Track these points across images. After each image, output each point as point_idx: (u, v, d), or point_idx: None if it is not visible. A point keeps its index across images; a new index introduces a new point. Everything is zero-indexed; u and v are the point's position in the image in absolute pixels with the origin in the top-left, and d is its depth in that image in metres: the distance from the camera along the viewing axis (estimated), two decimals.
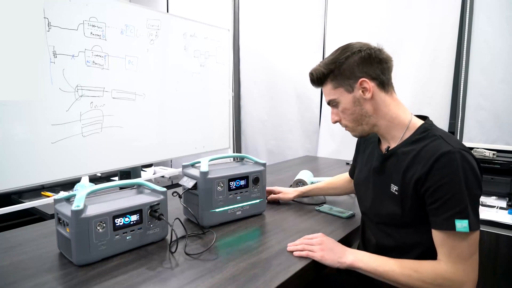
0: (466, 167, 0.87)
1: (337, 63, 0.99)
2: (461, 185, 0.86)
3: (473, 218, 0.86)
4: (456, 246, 0.88)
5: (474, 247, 0.88)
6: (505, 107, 2.23)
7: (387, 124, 1.01)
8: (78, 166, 1.95)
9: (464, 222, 0.85)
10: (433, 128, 0.98)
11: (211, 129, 2.84)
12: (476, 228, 0.86)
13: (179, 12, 3.33)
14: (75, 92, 1.90)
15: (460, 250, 0.88)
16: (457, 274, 0.87)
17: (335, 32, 2.82)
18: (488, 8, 2.24)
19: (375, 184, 1.08)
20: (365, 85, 0.98)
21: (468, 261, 0.88)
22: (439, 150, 0.89)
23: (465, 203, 0.86)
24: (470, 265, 0.88)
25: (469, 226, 0.85)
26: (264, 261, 0.96)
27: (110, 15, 2.02)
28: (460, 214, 0.86)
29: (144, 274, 0.89)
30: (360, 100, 1.00)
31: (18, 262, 0.95)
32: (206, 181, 1.16)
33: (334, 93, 1.03)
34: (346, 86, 1.00)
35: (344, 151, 2.79)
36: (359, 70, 0.98)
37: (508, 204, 1.79)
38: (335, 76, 1.01)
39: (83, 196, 0.94)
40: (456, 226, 0.86)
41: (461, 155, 0.87)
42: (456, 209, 0.86)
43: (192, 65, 2.61)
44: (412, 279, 0.90)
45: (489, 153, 1.96)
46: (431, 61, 2.44)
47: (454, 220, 0.86)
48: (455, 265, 0.88)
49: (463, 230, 0.85)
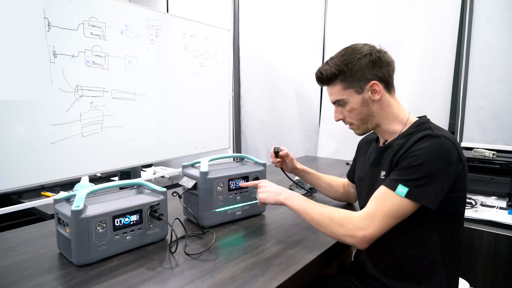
0: (441, 149, 0.92)
1: (349, 65, 1.02)
2: (426, 160, 0.91)
3: (417, 190, 0.91)
4: (382, 203, 0.94)
5: (396, 213, 0.93)
6: (505, 107, 2.23)
7: (388, 122, 1.07)
8: (78, 166, 1.95)
9: (404, 188, 0.92)
10: (427, 122, 1.03)
11: (211, 129, 2.84)
12: (412, 198, 0.91)
13: (179, 12, 3.33)
14: (75, 92, 1.90)
15: (382, 206, 0.93)
16: (362, 221, 0.94)
17: (335, 32, 2.82)
18: (488, 8, 2.24)
19: (370, 176, 1.12)
20: (375, 87, 1.03)
21: (380, 217, 0.93)
22: (424, 134, 0.96)
23: (419, 176, 0.91)
24: (379, 221, 0.93)
25: (407, 193, 0.91)
26: (264, 261, 0.96)
27: (110, 15, 2.02)
28: (407, 182, 0.92)
29: (144, 274, 0.89)
30: (368, 101, 1.05)
31: (18, 262, 0.95)
32: (206, 181, 1.16)
33: (343, 93, 1.06)
34: (356, 87, 1.04)
35: (344, 151, 2.79)
36: (370, 73, 1.02)
37: (508, 204, 1.79)
38: (346, 78, 1.04)
39: (83, 196, 0.94)
40: (397, 189, 0.93)
41: (441, 140, 0.93)
42: (407, 177, 0.93)
43: (192, 65, 2.61)
44: (323, 216, 1.00)
45: (489, 153, 1.96)
46: (431, 61, 2.44)
47: (398, 184, 0.93)
48: (367, 215, 0.94)
49: (399, 193, 0.92)
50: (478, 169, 1.93)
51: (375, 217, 0.93)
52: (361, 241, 0.93)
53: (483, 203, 1.82)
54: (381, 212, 0.93)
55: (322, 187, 1.44)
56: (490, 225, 1.66)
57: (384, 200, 0.94)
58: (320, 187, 1.45)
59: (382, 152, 1.08)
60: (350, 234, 0.94)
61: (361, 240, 0.93)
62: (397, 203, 0.92)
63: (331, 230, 0.98)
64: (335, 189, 1.43)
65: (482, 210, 1.76)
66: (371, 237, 0.93)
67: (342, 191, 1.42)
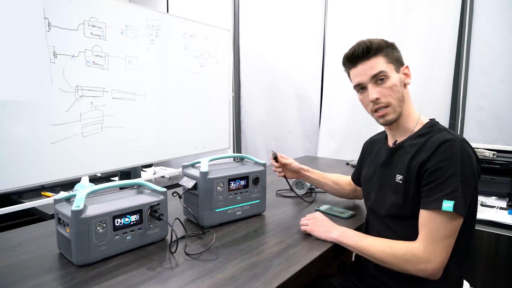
0: (464, 155, 0.92)
1: (391, 45, 1.07)
2: (456, 170, 0.91)
3: (460, 201, 0.90)
4: (435, 226, 0.92)
5: (452, 230, 0.92)
6: (505, 107, 2.23)
7: (406, 116, 1.07)
8: (78, 166, 1.95)
9: (450, 203, 0.90)
10: (438, 124, 1.04)
11: (211, 129, 2.84)
12: (460, 211, 0.90)
13: (179, 12, 3.33)
14: (75, 92, 1.90)
15: (437, 229, 0.92)
16: (426, 252, 0.92)
17: (335, 32, 2.82)
18: (488, 8, 2.24)
19: (380, 177, 1.12)
20: (407, 71, 1.07)
21: (441, 242, 0.92)
22: (443, 138, 0.95)
23: (456, 186, 0.91)
24: (442, 246, 0.91)
25: (453, 206, 0.90)
26: (264, 261, 0.96)
27: (110, 15, 2.02)
28: (449, 195, 0.91)
29: (144, 274, 0.89)
30: (403, 83, 1.06)
31: (18, 262, 0.95)
32: (206, 181, 1.16)
33: (387, 66, 1.04)
34: (396, 65, 1.06)
35: (344, 151, 2.79)
36: (402, 58, 1.08)
37: (508, 204, 1.79)
38: (388, 53, 1.06)
39: (83, 196, 0.94)
40: (443, 205, 0.90)
41: (462, 144, 0.94)
42: (447, 191, 0.91)
43: (192, 65, 2.61)
44: (385, 253, 0.97)
45: (489, 153, 1.96)
46: (431, 61, 2.44)
47: (442, 200, 0.91)
48: (427, 244, 0.92)
49: (447, 209, 0.90)
50: None
51: (435, 243, 0.91)
52: (433, 273, 0.92)
53: (483, 203, 1.82)
54: (439, 235, 0.91)
55: (329, 186, 1.44)
56: (490, 225, 1.66)
57: (436, 222, 0.92)
58: (326, 186, 1.44)
59: (393, 152, 1.08)
60: (420, 269, 0.92)
61: (433, 273, 0.92)
62: (449, 220, 0.91)
63: (398, 267, 0.96)
64: (342, 187, 1.43)
65: (482, 210, 1.76)
66: (440, 266, 0.92)
67: (349, 188, 1.42)
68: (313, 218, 1.16)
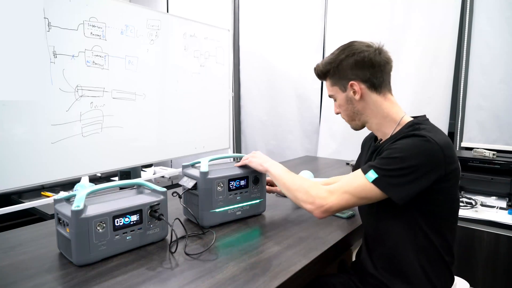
0: (417, 147, 0.93)
1: (333, 64, 1.08)
2: (401, 155, 0.93)
3: (386, 180, 0.94)
4: (349, 182, 1.00)
5: (358, 193, 0.98)
6: (505, 107, 2.23)
7: (378, 122, 1.09)
8: (78, 166, 1.95)
9: (374, 175, 0.95)
10: (422, 124, 1.01)
11: (211, 129, 2.84)
12: (378, 186, 0.94)
13: (179, 12, 3.33)
14: (75, 92, 1.90)
15: (348, 184, 0.99)
16: (324, 193, 1.01)
17: (335, 32, 2.82)
18: (488, 8, 2.24)
19: None
20: (354, 87, 1.06)
21: (341, 192, 0.99)
22: (409, 133, 0.97)
23: (393, 167, 0.93)
24: (339, 195, 0.99)
25: (374, 179, 0.95)
26: (264, 261, 0.96)
27: (110, 15, 2.02)
28: (378, 169, 0.95)
29: (144, 274, 0.89)
30: (351, 100, 1.09)
31: (18, 262, 0.95)
32: (206, 181, 1.16)
33: (332, 89, 1.12)
34: (340, 85, 1.09)
35: (344, 151, 2.79)
36: (351, 73, 1.06)
37: (508, 204, 1.79)
38: (332, 75, 1.10)
39: (83, 196, 0.94)
40: (367, 173, 0.96)
41: (422, 139, 0.93)
42: (381, 166, 0.95)
43: (192, 65, 2.61)
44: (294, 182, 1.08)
45: (489, 153, 1.96)
46: (431, 61, 2.44)
47: (371, 169, 0.96)
48: (332, 188, 0.99)
49: (368, 178, 0.96)
50: (478, 169, 1.93)
51: (337, 191, 1.00)
52: (318, 209, 1.00)
53: (483, 203, 1.82)
54: (345, 188, 0.99)
55: None
56: (490, 225, 1.66)
57: (353, 179, 0.99)
58: None
59: (375, 151, 1.10)
60: (310, 201, 1.01)
61: (318, 208, 1.00)
62: (362, 185, 0.97)
63: (295, 195, 1.06)
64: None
65: (482, 210, 1.76)
66: (328, 207, 0.99)
67: None
68: (254, 153, 1.25)
